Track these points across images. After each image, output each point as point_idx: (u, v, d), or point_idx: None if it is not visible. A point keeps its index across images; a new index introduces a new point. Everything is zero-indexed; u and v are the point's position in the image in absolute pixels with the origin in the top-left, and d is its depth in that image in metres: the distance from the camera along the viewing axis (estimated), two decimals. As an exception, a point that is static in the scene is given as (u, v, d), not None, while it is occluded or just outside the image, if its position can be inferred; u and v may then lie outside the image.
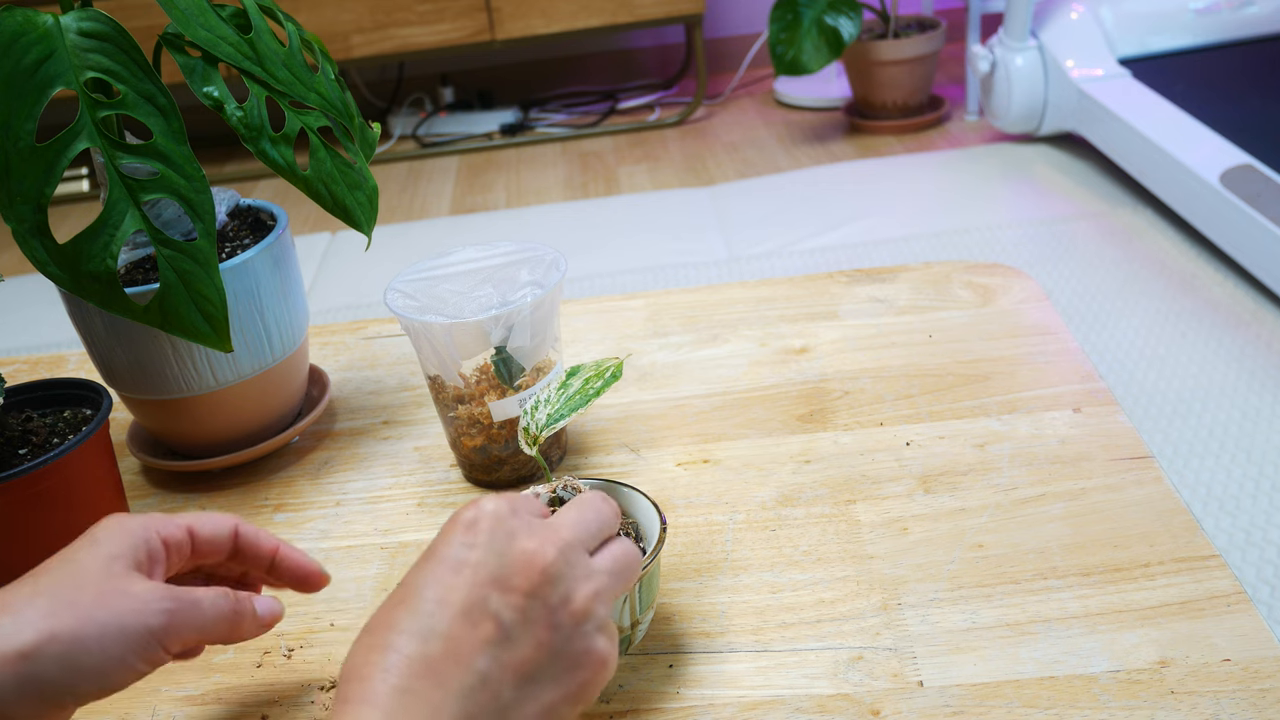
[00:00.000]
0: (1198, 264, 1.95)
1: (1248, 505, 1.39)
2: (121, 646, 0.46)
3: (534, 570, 0.43)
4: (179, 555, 0.51)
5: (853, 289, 0.91)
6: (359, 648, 0.42)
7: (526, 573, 0.43)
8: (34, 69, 0.62)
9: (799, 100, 2.97)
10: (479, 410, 0.69)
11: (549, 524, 0.46)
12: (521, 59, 3.26)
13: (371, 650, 0.41)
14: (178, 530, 0.51)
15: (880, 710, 0.53)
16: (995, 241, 2.11)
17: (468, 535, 0.44)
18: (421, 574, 0.44)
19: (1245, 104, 2.18)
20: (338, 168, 0.72)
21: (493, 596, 0.42)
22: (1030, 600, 0.58)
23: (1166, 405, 1.60)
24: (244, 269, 0.71)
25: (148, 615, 0.47)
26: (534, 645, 0.43)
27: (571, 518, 0.47)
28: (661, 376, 0.82)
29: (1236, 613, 0.56)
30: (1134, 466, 0.67)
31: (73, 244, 0.63)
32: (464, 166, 2.85)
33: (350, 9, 2.70)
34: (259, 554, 0.54)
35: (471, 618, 0.42)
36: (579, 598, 0.44)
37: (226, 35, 0.68)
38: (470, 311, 0.68)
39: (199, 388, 0.72)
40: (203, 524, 0.52)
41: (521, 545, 0.44)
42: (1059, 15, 2.43)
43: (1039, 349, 0.80)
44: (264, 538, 0.54)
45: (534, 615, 0.43)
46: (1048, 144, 2.50)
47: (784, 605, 0.60)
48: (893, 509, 0.66)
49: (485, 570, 0.43)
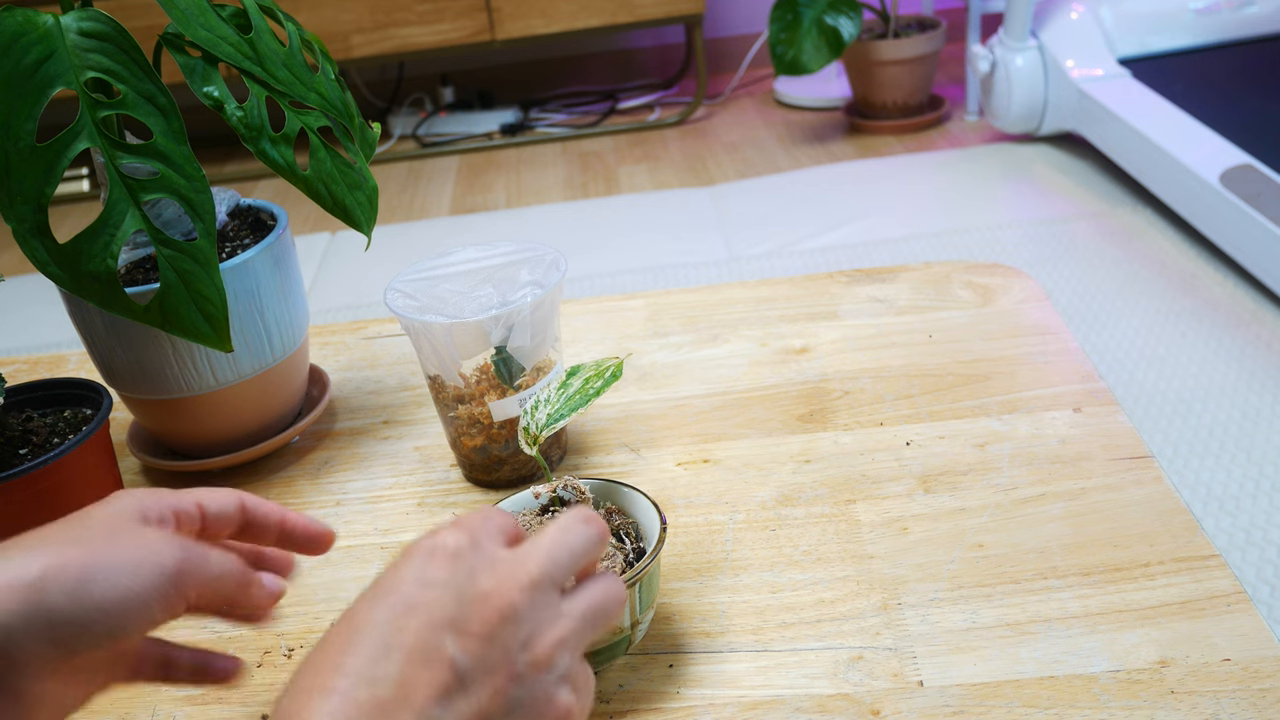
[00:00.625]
0: (1198, 264, 1.95)
1: (1248, 505, 1.39)
2: (133, 580, 0.43)
3: (492, 612, 0.40)
4: (189, 527, 0.49)
5: (853, 289, 0.91)
6: (295, 690, 0.38)
7: (484, 615, 0.40)
8: (34, 69, 0.62)
9: (799, 100, 2.97)
10: (479, 410, 0.69)
11: (515, 559, 0.42)
12: (521, 59, 3.26)
13: (311, 693, 0.38)
14: (187, 503, 0.49)
15: (880, 710, 0.53)
16: (995, 241, 2.11)
17: (424, 570, 0.40)
18: (370, 610, 0.40)
19: (1245, 104, 2.18)
20: (338, 168, 0.72)
21: (448, 640, 0.39)
22: (1030, 600, 0.58)
23: (1166, 405, 1.60)
24: (244, 269, 0.71)
25: (160, 555, 0.44)
26: (490, 694, 0.39)
27: (543, 549, 0.42)
28: (661, 376, 0.82)
29: (1236, 613, 0.56)
30: (1134, 466, 0.67)
31: (73, 244, 0.63)
32: (464, 166, 2.85)
33: (350, 9, 2.70)
34: (267, 523, 0.52)
35: (425, 661, 0.38)
36: (542, 644, 0.41)
37: (226, 35, 0.68)
38: (470, 311, 0.68)
39: (199, 388, 0.72)
40: (210, 499, 0.50)
41: (481, 585, 0.40)
42: (1059, 15, 2.43)
43: (1039, 349, 0.80)
44: (269, 507, 0.52)
45: (492, 662, 0.39)
46: (1048, 144, 2.50)
47: (784, 605, 0.60)
48: (893, 509, 0.66)
49: (440, 610, 0.39)
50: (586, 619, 0.43)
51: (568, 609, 0.42)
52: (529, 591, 0.41)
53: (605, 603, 0.43)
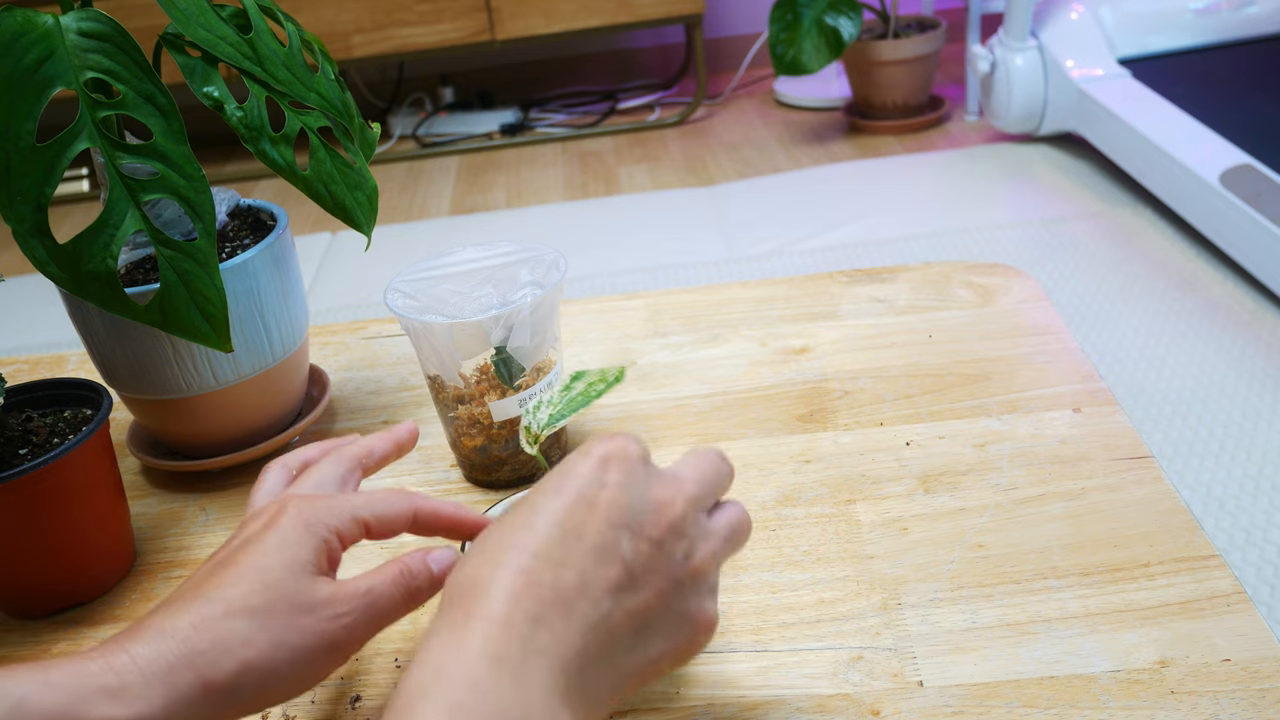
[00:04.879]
0: (1198, 264, 1.95)
1: (1248, 505, 1.39)
2: (309, 667, 0.46)
3: (664, 520, 0.43)
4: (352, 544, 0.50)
5: (853, 289, 0.91)
6: (477, 560, 0.41)
7: (657, 522, 0.43)
8: (34, 69, 0.62)
9: (799, 100, 2.97)
10: (479, 410, 0.69)
11: (676, 476, 0.46)
12: (521, 59, 3.26)
13: (499, 567, 0.40)
14: (355, 526, 0.50)
15: (880, 710, 0.53)
16: (995, 241, 2.11)
17: (602, 472, 0.43)
18: (549, 501, 0.43)
19: (1245, 104, 2.18)
20: (338, 168, 0.72)
21: (624, 540, 0.42)
22: (1030, 600, 0.58)
23: (1166, 405, 1.60)
24: (244, 269, 0.71)
25: (333, 632, 0.46)
26: (654, 595, 0.42)
27: (694, 474, 0.46)
28: (661, 376, 0.82)
29: (1236, 613, 0.56)
30: (1134, 466, 0.67)
31: (73, 244, 0.63)
32: (464, 166, 2.85)
33: (350, 9, 2.70)
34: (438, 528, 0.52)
35: (602, 558, 0.41)
36: (698, 556, 0.44)
37: (226, 35, 0.68)
38: (470, 311, 0.68)
39: (199, 388, 0.72)
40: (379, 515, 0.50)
41: (655, 493, 0.44)
42: (1059, 15, 2.43)
43: (1039, 349, 0.80)
44: (444, 511, 0.52)
45: (657, 565, 0.43)
46: (1048, 144, 2.50)
47: (784, 605, 0.60)
48: (893, 509, 0.66)
49: (618, 512, 0.42)
50: (729, 540, 0.47)
51: (714, 528, 0.46)
52: (691, 506, 0.45)
53: (742, 524, 0.48)
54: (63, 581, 0.66)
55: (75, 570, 0.66)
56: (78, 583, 0.66)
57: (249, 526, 0.50)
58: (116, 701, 0.42)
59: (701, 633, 0.45)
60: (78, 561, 0.66)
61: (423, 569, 0.49)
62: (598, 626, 0.41)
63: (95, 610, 0.66)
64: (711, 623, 0.45)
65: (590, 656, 0.40)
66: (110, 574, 0.68)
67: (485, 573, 0.41)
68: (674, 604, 0.43)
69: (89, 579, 0.67)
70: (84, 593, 0.67)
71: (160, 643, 0.44)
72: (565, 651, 0.40)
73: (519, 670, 0.38)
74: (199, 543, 0.71)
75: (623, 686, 0.43)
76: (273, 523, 0.49)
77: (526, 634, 0.39)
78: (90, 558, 0.66)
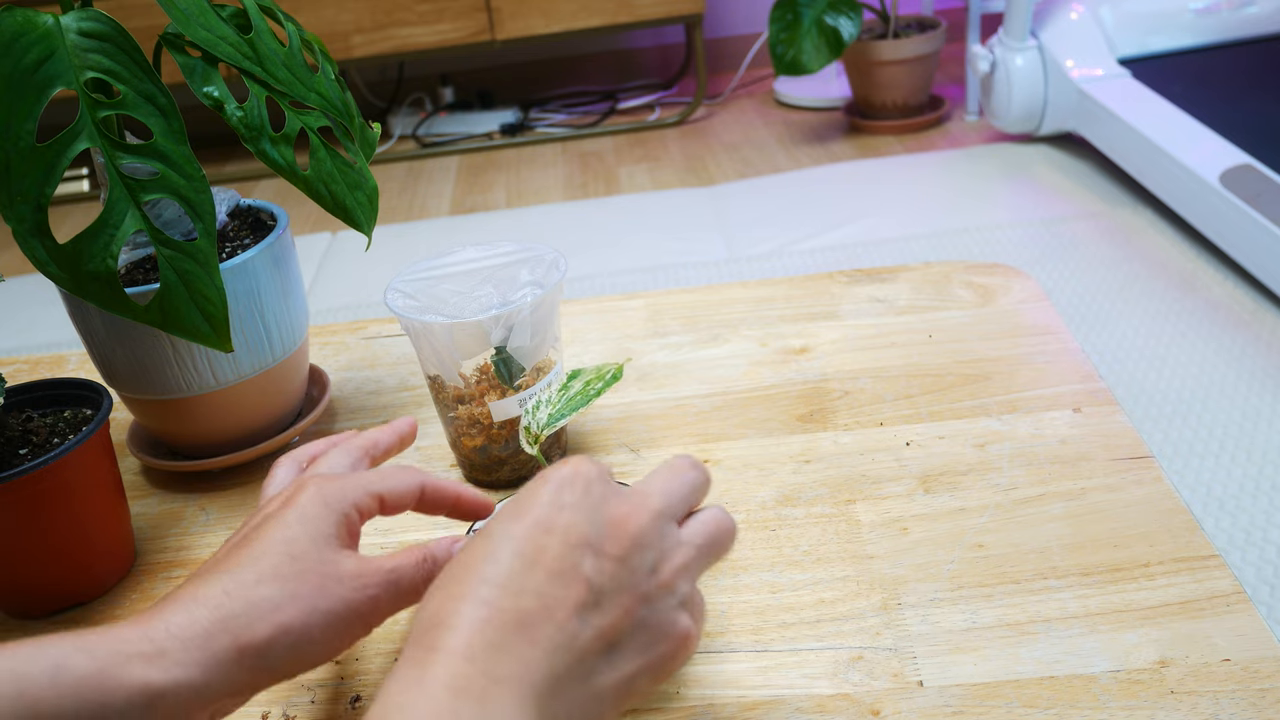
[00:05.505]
0: (1198, 264, 1.95)
1: (1248, 505, 1.39)
2: (339, 633, 0.47)
3: (625, 536, 0.43)
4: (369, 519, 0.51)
5: (853, 289, 0.91)
6: (440, 596, 0.41)
7: (617, 538, 0.43)
8: (34, 69, 0.62)
9: (799, 100, 2.97)
10: (479, 410, 0.70)
11: (638, 490, 0.45)
12: (521, 59, 3.26)
13: (460, 600, 0.40)
14: (371, 501, 0.51)
15: (880, 710, 0.53)
16: (995, 241, 2.11)
17: (558, 495, 0.43)
18: (509, 527, 0.42)
19: (1245, 104, 2.18)
20: (338, 168, 0.72)
21: (586, 559, 0.42)
22: (1030, 600, 0.58)
23: (1166, 405, 1.60)
24: (244, 269, 0.71)
25: (359, 601, 0.47)
26: (621, 612, 0.42)
27: (660, 486, 0.46)
28: (661, 376, 0.82)
29: (1236, 613, 0.56)
30: (1134, 466, 0.67)
31: (73, 244, 0.63)
32: (464, 166, 2.85)
33: (350, 9, 2.70)
34: (442, 505, 0.54)
35: (564, 579, 0.41)
36: (667, 569, 0.44)
37: (226, 35, 0.68)
38: (470, 311, 0.68)
39: (199, 388, 0.72)
40: (391, 491, 0.52)
41: (615, 510, 0.43)
42: (1059, 15, 2.43)
43: (1039, 349, 0.80)
44: (447, 490, 0.53)
45: (624, 582, 0.42)
46: (1048, 144, 2.50)
47: (784, 605, 0.60)
48: (893, 509, 0.66)
49: (577, 532, 0.42)
50: (703, 549, 0.46)
51: (687, 538, 0.45)
52: (656, 519, 0.44)
53: (719, 533, 0.47)
54: (63, 581, 0.66)
55: (75, 570, 0.66)
56: (78, 583, 0.66)
57: (267, 508, 0.50)
58: (153, 666, 0.43)
59: (677, 647, 0.44)
60: (78, 561, 0.66)
61: (446, 556, 0.50)
62: (565, 649, 0.40)
63: (95, 610, 0.66)
64: (686, 636, 0.44)
65: (561, 680, 0.40)
66: (110, 574, 0.68)
67: (448, 607, 0.40)
68: (645, 619, 0.43)
69: (89, 579, 0.67)
70: (84, 593, 0.67)
71: (195, 609, 0.45)
72: (532, 677, 0.39)
73: (482, 699, 0.38)
74: (199, 543, 0.71)
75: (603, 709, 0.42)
76: (292, 500, 0.49)
77: (489, 663, 0.39)
78: (90, 558, 0.66)
